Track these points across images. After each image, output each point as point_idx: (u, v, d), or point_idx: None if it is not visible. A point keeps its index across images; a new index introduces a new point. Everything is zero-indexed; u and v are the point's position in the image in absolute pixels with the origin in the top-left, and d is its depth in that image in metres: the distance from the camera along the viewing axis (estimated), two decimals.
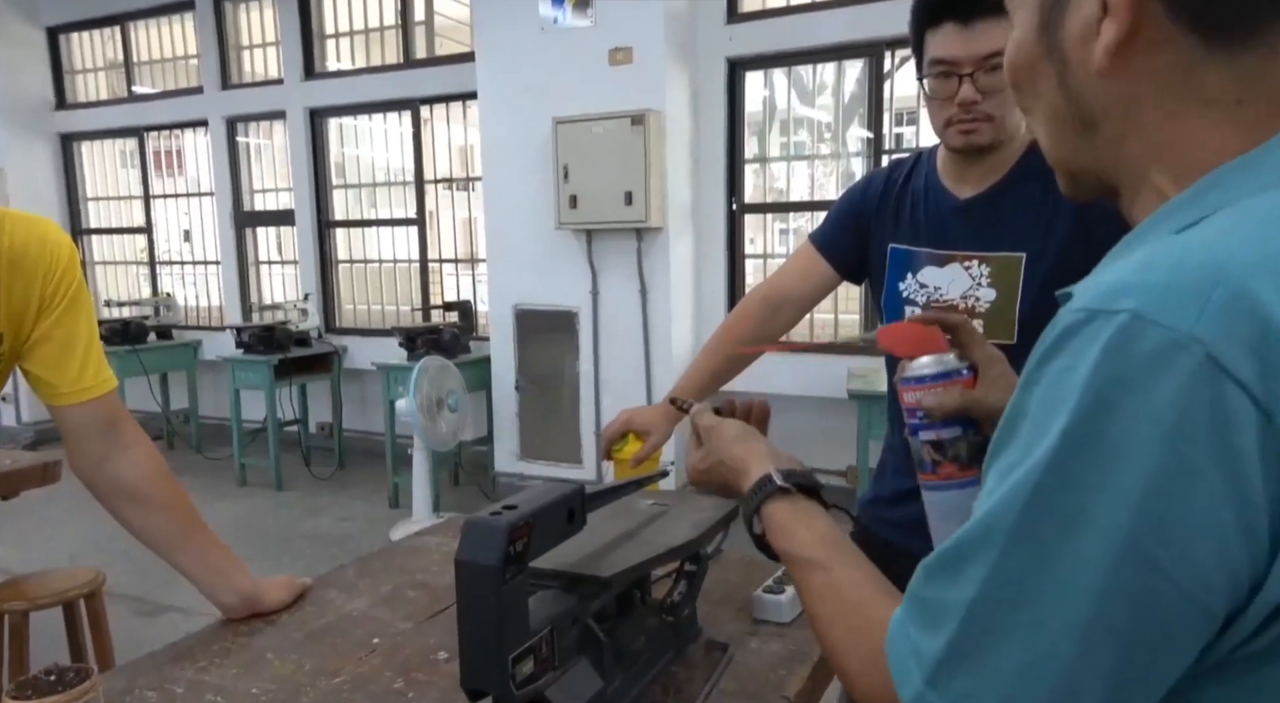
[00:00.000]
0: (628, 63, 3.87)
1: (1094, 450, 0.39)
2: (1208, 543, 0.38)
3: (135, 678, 1.01)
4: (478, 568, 0.76)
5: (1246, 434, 0.37)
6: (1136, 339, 0.38)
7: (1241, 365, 0.37)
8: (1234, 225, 0.42)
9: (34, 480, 2.14)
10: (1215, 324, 0.37)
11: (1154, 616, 0.39)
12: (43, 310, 1.08)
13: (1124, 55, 0.47)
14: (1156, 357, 0.38)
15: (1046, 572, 0.41)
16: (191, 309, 6.23)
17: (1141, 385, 0.38)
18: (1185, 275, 0.39)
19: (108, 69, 6.24)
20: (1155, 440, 0.38)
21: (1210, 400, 0.37)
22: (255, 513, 4.39)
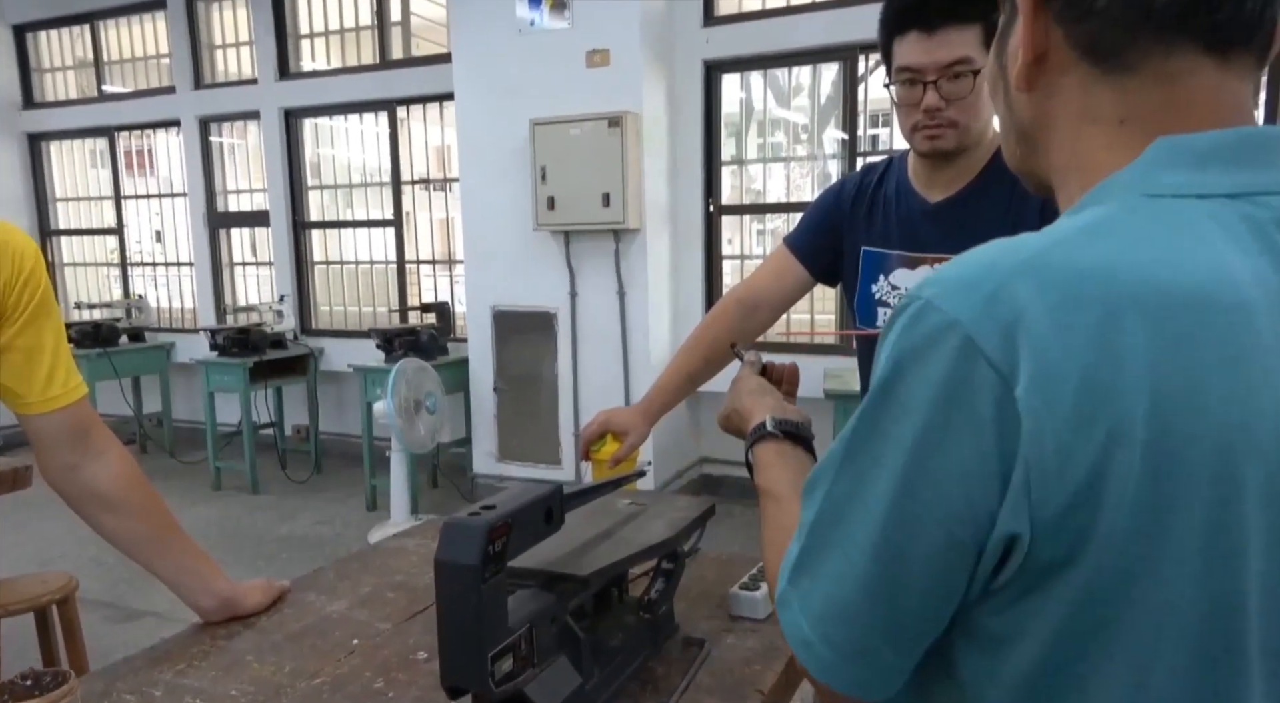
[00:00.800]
0: (605, 65, 3.88)
1: (888, 406, 0.49)
2: (956, 484, 0.47)
3: (113, 682, 1.00)
4: (457, 567, 0.77)
5: (988, 399, 0.45)
6: (923, 320, 0.48)
7: (991, 345, 0.45)
8: (1044, 234, 0.49)
9: (4, 486, 2.10)
10: (977, 311, 0.46)
11: (920, 541, 0.48)
12: (5, 319, 1.06)
13: (1035, 76, 0.54)
14: (932, 334, 0.47)
15: (856, 499, 0.51)
16: (164, 311, 6.15)
17: (922, 356, 0.47)
18: (970, 271, 0.48)
19: (77, 68, 6.15)
20: (926, 401, 0.47)
21: (966, 371, 0.46)
22: (230, 517, 4.35)
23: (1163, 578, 0.45)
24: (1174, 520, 0.44)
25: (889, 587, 0.50)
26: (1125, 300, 0.44)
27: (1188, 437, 0.43)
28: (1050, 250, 0.47)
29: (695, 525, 1.12)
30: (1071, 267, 0.46)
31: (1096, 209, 0.50)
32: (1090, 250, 0.47)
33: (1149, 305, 0.44)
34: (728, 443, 4.37)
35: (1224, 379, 0.44)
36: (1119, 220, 0.48)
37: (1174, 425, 0.43)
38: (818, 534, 0.53)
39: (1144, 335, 0.44)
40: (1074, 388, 0.44)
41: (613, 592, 1.06)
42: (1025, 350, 0.44)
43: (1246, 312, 0.45)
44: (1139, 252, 0.46)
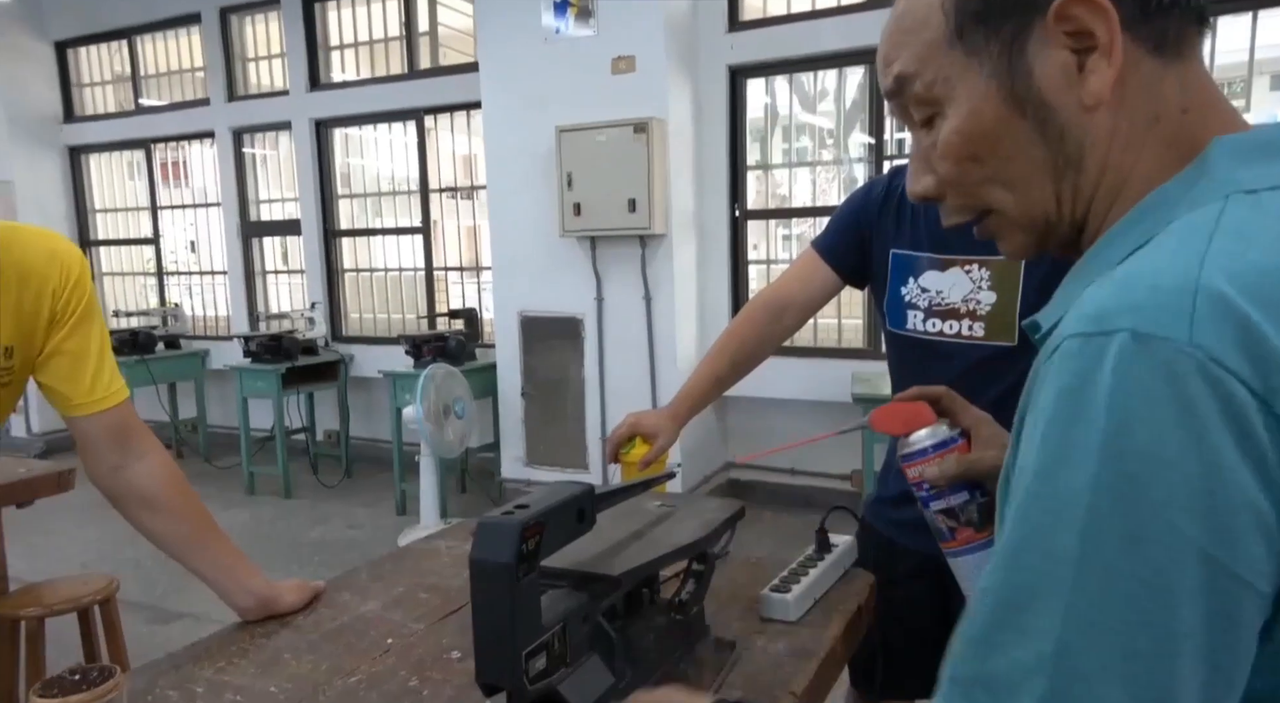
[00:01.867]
0: (630, 71, 3.91)
1: (1137, 465, 0.40)
2: (1251, 530, 0.39)
3: (156, 678, 1.03)
4: (492, 566, 0.78)
5: (1256, 423, 0.39)
6: (1143, 354, 0.40)
7: (1238, 364, 0.39)
8: (1182, 242, 0.45)
9: (49, 488, 2.16)
10: (1207, 332, 0.40)
11: (1223, 610, 0.40)
12: (54, 323, 1.10)
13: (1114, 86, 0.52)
14: (1167, 367, 0.40)
15: (1122, 596, 0.40)
16: (199, 319, 6.28)
17: (1161, 395, 0.40)
18: (1164, 293, 0.42)
19: (115, 82, 6.30)
20: (1188, 445, 0.39)
21: (1223, 399, 0.39)
22: (263, 521, 4.42)
23: None
24: None
25: (1199, 677, 0.40)
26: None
27: None
28: (1214, 258, 0.42)
29: (725, 527, 1.12)
30: (1254, 268, 0.41)
31: (1202, 211, 0.47)
32: (1255, 248, 0.43)
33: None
34: (754, 447, 4.36)
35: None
36: (1246, 218, 0.45)
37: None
38: (1068, 668, 0.40)
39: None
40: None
41: (644, 593, 1.07)
42: (1271, 362, 0.39)
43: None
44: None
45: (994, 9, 0.53)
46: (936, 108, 0.57)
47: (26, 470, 2.19)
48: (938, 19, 0.55)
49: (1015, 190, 0.56)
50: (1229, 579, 0.39)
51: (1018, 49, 0.53)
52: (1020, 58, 0.53)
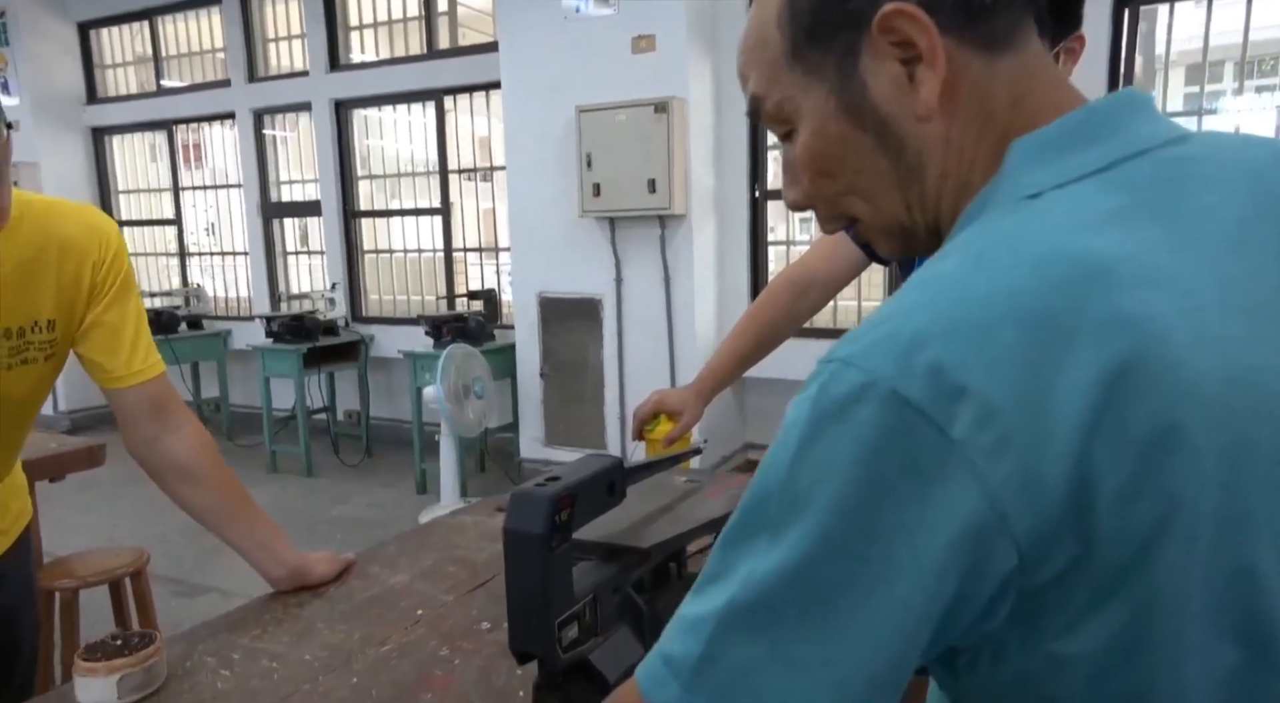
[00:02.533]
0: (650, 50, 3.88)
1: (810, 469, 0.44)
2: (904, 540, 0.42)
3: (193, 645, 1.05)
4: (526, 536, 0.79)
5: (926, 447, 0.42)
6: (839, 381, 0.44)
7: (917, 395, 0.42)
8: (948, 269, 0.47)
9: (79, 464, 2.20)
10: (899, 367, 0.42)
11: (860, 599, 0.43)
12: (94, 296, 1.11)
13: (941, 94, 0.52)
14: (853, 393, 0.43)
15: (768, 584, 0.44)
16: (220, 300, 6.33)
17: (843, 415, 0.43)
18: (879, 331, 0.45)
19: (137, 63, 6.34)
20: (852, 461, 0.43)
21: (895, 423, 0.42)
22: (286, 499, 4.47)
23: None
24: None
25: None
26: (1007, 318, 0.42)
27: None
28: (946, 289, 0.45)
29: None
30: (968, 298, 0.44)
31: (968, 232, 0.50)
32: (983, 274, 0.45)
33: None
34: (773, 428, 4.36)
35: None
36: (1006, 231, 0.47)
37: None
38: (728, 626, 0.45)
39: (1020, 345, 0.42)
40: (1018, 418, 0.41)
41: (671, 567, 1.08)
42: (961, 397, 0.41)
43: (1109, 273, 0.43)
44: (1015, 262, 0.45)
45: (823, 26, 0.53)
46: (789, 125, 0.58)
47: (58, 445, 2.23)
48: (775, 38, 0.55)
49: (869, 201, 0.57)
50: (871, 574, 0.43)
51: (850, 64, 0.53)
52: (853, 73, 0.53)
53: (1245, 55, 3.36)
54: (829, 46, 0.53)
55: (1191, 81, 3.94)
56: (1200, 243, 0.46)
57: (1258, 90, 3.60)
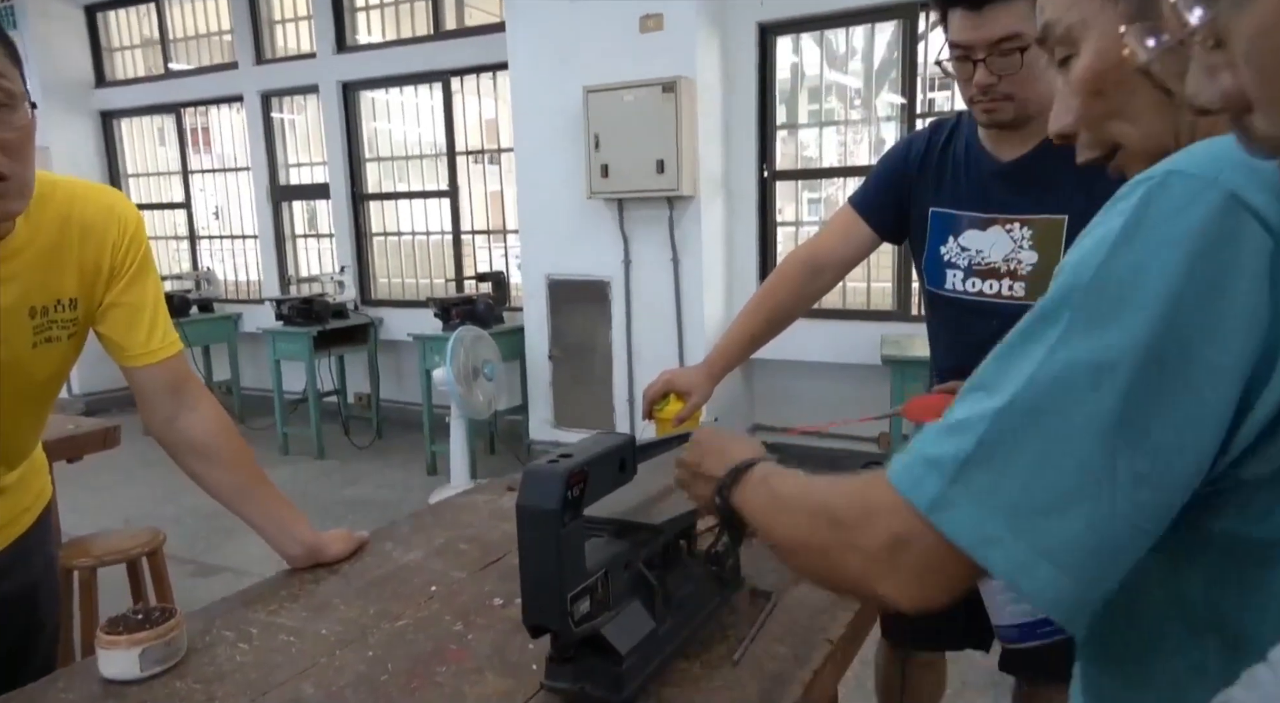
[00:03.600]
0: (658, 30, 3.85)
1: (1131, 265, 0.46)
2: (1230, 328, 0.44)
3: (212, 620, 1.07)
4: (538, 512, 0.80)
5: (1260, 257, 0.43)
6: (1171, 185, 0.46)
7: (1259, 201, 0.43)
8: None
9: (96, 445, 2.22)
10: (1237, 172, 0.44)
11: (1172, 411, 0.44)
12: (113, 276, 1.13)
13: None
14: (1187, 194, 0.45)
15: (1073, 379, 0.46)
16: (230, 283, 6.36)
17: (1174, 216, 0.45)
18: (1208, 149, 0.47)
19: (144, 46, 6.33)
20: (1179, 260, 0.44)
21: (1234, 228, 0.44)
22: (298, 481, 4.51)
23: None
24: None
25: (1124, 461, 0.45)
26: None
27: None
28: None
29: None
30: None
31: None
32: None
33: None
34: (781, 409, 4.37)
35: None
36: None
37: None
38: (1006, 424, 0.47)
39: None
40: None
41: (681, 544, 1.09)
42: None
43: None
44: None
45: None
46: (1074, 48, 0.61)
47: (75, 427, 2.25)
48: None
49: (1137, 124, 0.60)
50: (1191, 364, 0.44)
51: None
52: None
53: None
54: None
55: None
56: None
57: None
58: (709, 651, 0.96)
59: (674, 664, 0.93)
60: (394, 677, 0.92)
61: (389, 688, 0.90)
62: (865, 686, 2.07)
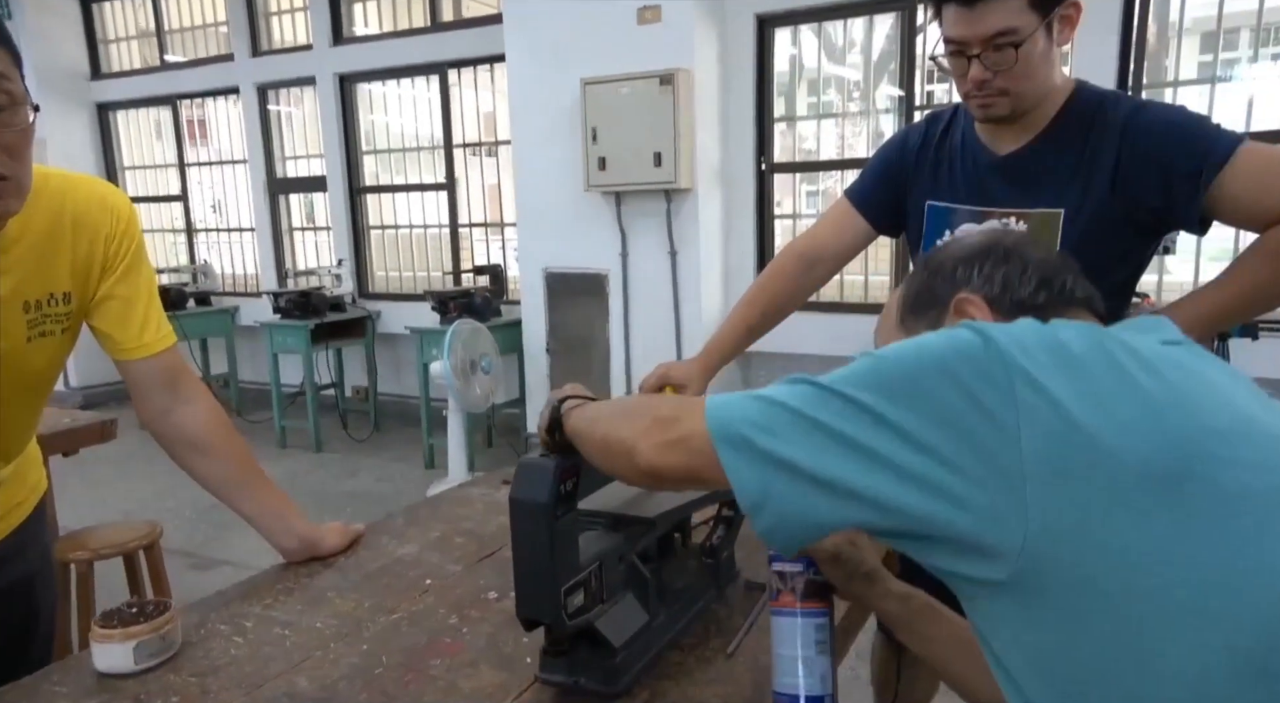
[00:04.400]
0: (656, 21, 3.84)
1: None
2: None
3: (207, 614, 1.07)
4: (531, 504, 0.80)
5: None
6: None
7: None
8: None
9: (93, 438, 2.22)
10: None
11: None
12: (106, 269, 1.12)
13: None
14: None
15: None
16: (227, 276, 6.35)
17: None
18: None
19: (140, 38, 6.30)
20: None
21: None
22: (296, 474, 4.52)
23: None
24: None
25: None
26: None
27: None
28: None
29: None
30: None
31: None
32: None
33: None
34: None
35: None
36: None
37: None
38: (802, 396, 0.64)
39: None
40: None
41: (676, 537, 1.09)
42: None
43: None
44: None
45: (921, 303, 0.80)
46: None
47: (72, 421, 2.25)
48: (895, 310, 0.84)
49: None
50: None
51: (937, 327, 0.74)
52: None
53: (1261, 22, 3.30)
54: (923, 316, 0.79)
55: (1206, 50, 3.88)
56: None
57: (1274, 58, 3.54)
58: (703, 643, 0.97)
59: (668, 657, 0.93)
60: (388, 670, 0.92)
61: (383, 681, 0.90)
62: (860, 677, 2.08)
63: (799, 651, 0.80)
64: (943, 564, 0.60)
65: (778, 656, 0.81)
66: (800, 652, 0.80)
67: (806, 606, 0.82)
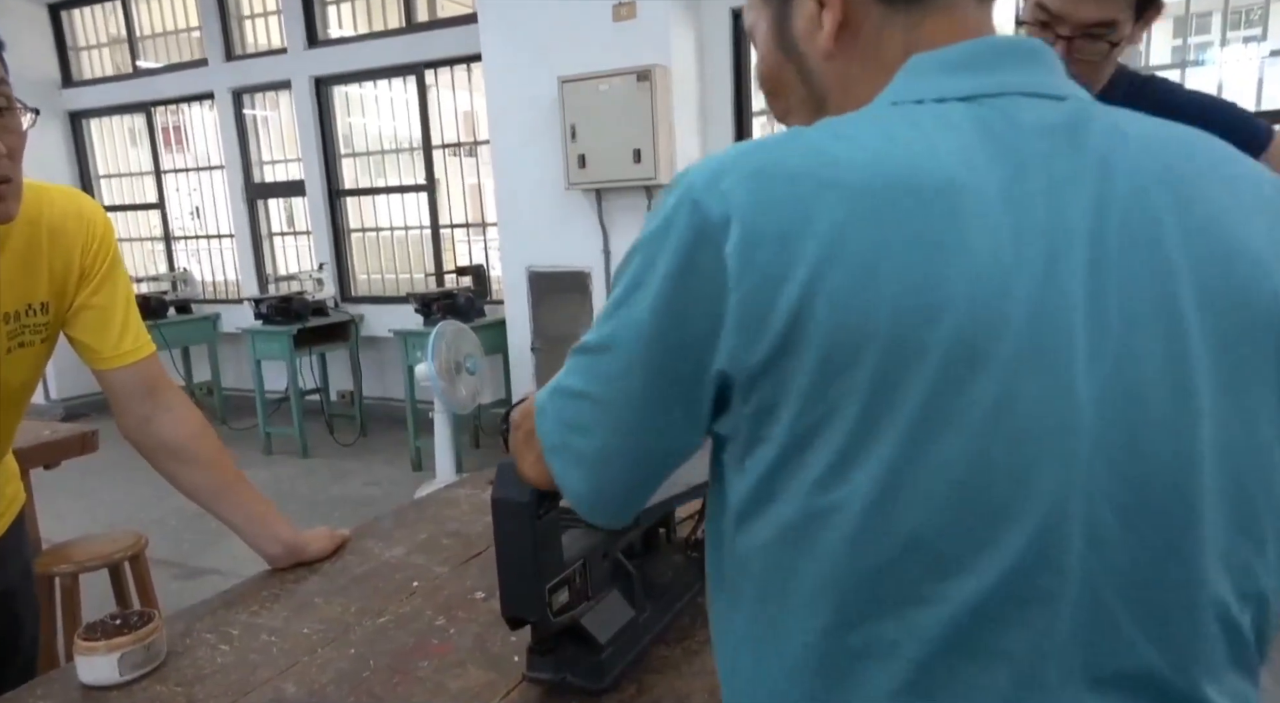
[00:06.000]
0: (631, 18, 3.83)
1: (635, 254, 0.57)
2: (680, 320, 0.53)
3: (193, 622, 1.07)
4: (512, 504, 0.80)
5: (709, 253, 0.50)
6: (670, 193, 0.54)
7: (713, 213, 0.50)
8: (798, 129, 0.55)
9: (74, 450, 2.20)
10: (707, 189, 0.51)
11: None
12: (82, 279, 1.12)
13: (839, 37, 0.58)
14: (675, 203, 0.52)
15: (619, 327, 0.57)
16: (208, 283, 6.30)
17: (664, 218, 0.53)
18: (713, 162, 0.53)
19: (112, 44, 6.23)
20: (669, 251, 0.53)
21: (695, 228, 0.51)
22: (283, 480, 4.49)
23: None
24: (845, 381, 0.48)
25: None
26: (827, 183, 0.49)
27: (863, 307, 0.47)
28: (783, 143, 0.52)
29: None
30: (787, 158, 0.51)
31: (845, 116, 0.55)
32: (812, 142, 0.52)
33: (848, 187, 0.49)
34: None
35: (910, 257, 0.47)
36: (854, 121, 0.53)
37: (852, 295, 0.47)
38: (586, 360, 0.59)
39: (840, 212, 0.48)
40: (770, 250, 0.48)
41: (660, 532, 1.10)
42: (735, 221, 0.49)
43: (951, 195, 0.48)
44: (858, 144, 0.51)
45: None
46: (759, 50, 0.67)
47: (52, 433, 2.23)
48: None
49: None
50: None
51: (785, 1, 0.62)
52: (786, 7, 0.62)
53: (1229, 5, 3.34)
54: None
55: (1177, 34, 3.92)
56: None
57: (1244, 41, 3.58)
58: (690, 637, 0.97)
59: (654, 651, 0.94)
60: (376, 673, 0.92)
61: (371, 684, 0.90)
62: None
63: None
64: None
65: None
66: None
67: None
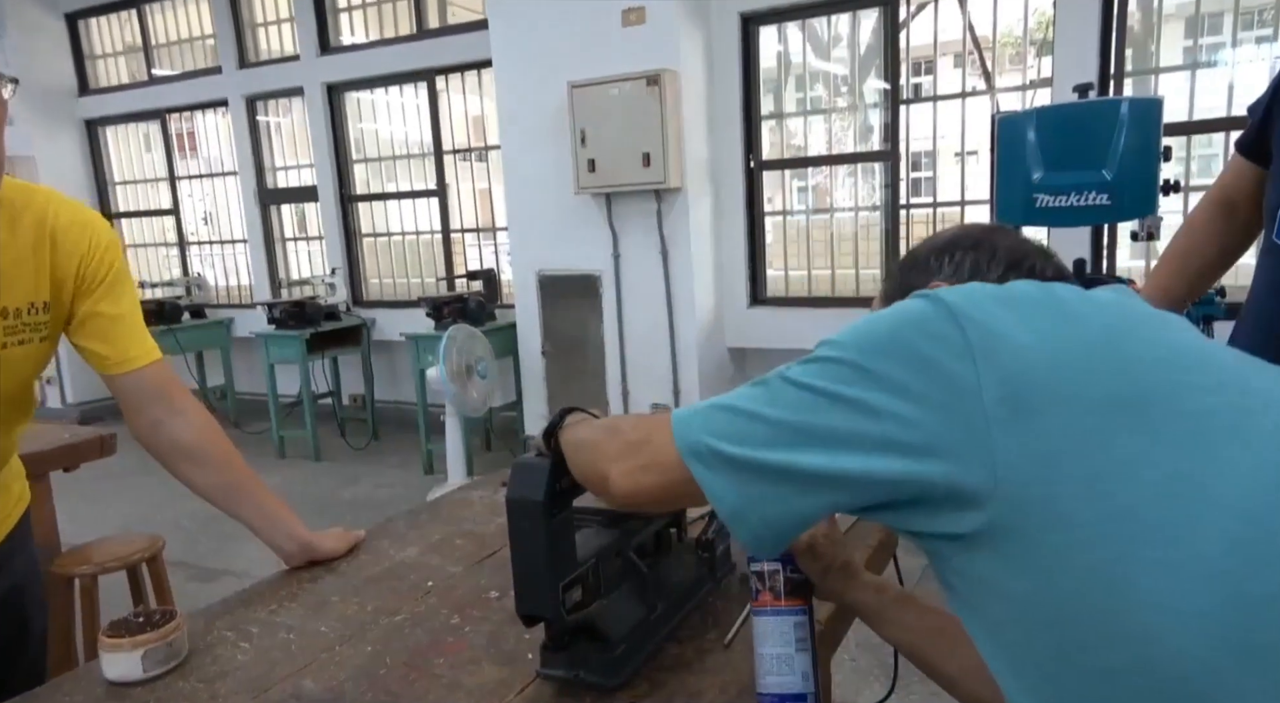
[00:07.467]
0: (640, 23, 3.86)
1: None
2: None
3: (213, 620, 1.09)
4: (527, 503, 0.82)
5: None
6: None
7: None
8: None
9: (92, 453, 2.23)
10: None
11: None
12: (80, 288, 1.15)
13: None
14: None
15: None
16: (221, 288, 6.35)
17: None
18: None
19: (127, 53, 6.30)
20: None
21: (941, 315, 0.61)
22: (295, 483, 4.53)
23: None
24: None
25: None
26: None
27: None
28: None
29: None
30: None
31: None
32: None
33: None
34: None
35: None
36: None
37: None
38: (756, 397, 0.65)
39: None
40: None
41: (671, 532, 1.11)
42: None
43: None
44: None
45: (897, 298, 0.72)
46: None
47: (71, 436, 2.26)
48: (877, 306, 0.79)
49: None
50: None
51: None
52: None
53: (1240, 5, 3.33)
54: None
55: (1189, 34, 3.91)
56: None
57: (1256, 41, 3.57)
58: (701, 635, 0.98)
59: (666, 649, 0.95)
60: (392, 669, 0.94)
61: (387, 680, 0.92)
62: (860, 666, 2.10)
63: (779, 649, 0.81)
64: (922, 526, 0.61)
65: (759, 655, 0.83)
66: (780, 650, 0.81)
67: (786, 604, 0.84)
